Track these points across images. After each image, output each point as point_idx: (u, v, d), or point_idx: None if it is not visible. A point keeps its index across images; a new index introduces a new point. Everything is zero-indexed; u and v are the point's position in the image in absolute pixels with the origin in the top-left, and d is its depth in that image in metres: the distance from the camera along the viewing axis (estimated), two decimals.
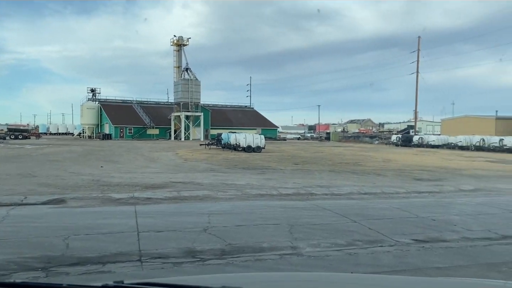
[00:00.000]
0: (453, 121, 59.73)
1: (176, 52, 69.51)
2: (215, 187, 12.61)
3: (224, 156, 28.21)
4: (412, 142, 52.78)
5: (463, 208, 9.81)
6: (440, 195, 12.31)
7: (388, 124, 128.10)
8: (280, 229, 7.31)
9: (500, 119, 52.84)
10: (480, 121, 54.29)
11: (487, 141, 43.13)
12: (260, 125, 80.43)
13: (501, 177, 17.59)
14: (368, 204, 10.16)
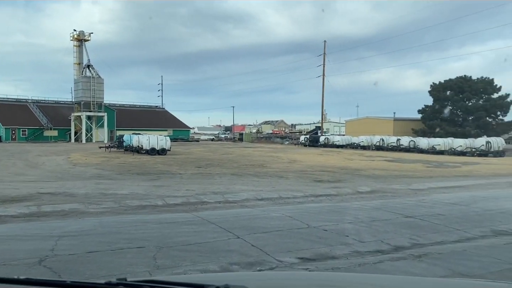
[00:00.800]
0: (356, 122, 62.79)
1: (76, 47, 64.13)
2: (89, 199, 10.79)
3: (122, 160, 25.90)
4: (319, 143, 54.29)
5: (358, 214, 9.25)
6: (337, 199, 11.82)
7: (300, 125, 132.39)
8: (143, 254, 5.93)
9: (397, 120, 56.56)
10: (380, 122, 57.60)
11: (386, 141, 45.65)
12: (171, 126, 77.64)
13: (397, 177, 17.94)
14: (260, 213, 9.17)
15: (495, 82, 48.01)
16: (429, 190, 14.09)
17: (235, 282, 1.62)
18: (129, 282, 1.50)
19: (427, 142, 40.71)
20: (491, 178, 17.87)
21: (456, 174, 19.66)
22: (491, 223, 8.60)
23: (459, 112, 48.36)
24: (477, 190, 14.22)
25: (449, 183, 16.09)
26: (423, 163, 27.15)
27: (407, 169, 22.06)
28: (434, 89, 49.18)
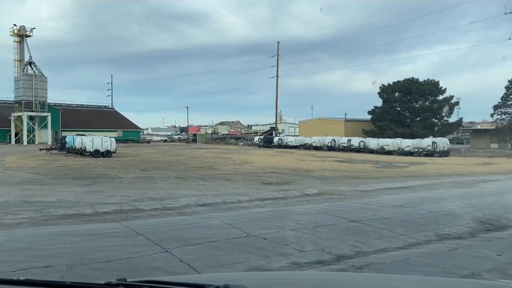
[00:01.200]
0: (309, 123, 63.35)
1: (17, 43, 60.29)
2: (7, 208, 9.63)
3: (62, 163, 24.23)
4: (273, 143, 54.18)
5: (301, 219, 8.76)
6: (283, 202, 11.32)
7: (256, 126, 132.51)
8: (48, 275, 5.07)
9: (348, 121, 57.55)
10: (332, 123, 58.37)
11: (337, 142, 46.19)
12: (121, 127, 74.93)
13: (346, 178, 17.79)
14: (197, 221, 8.46)
15: (440, 84, 49.94)
16: (376, 191, 13.94)
17: (235, 282, 1.64)
18: (128, 283, 1.52)
19: (377, 143, 41.53)
20: (436, 178, 18.12)
21: (404, 174, 19.85)
22: (436, 226, 8.38)
23: (407, 113, 49.87)
24: (423, 191, 14.23)
25: (396, 184, 16.09)
26: (372, 163, 27.44)
27: (356, 169, 22.09)
28: (383, 91, 50.44)
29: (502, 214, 9.84)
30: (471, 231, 8.16)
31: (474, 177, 18.73)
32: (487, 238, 7.49)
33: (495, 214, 9.76)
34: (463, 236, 7.71)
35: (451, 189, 14.51)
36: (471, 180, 17.48)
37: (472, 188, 14.96)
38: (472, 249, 6.68)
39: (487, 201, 11.78)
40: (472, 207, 10.69)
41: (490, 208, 10.57)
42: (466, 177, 18.68)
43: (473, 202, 11.54)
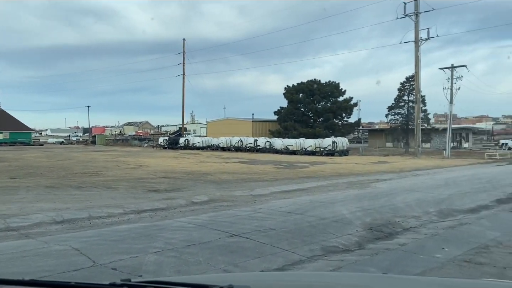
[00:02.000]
0: (217, 123, 62.30)
1: None
2: None
3: None
4: (178, 145, 52.11)
5: (174, 236, 7.38)
6: (162, 214, 9.82)
7: (167, 127, 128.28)
8: None
9: (255, 122, 57.59)
10: (240, 123, 57.95)
11: (244, 142, 45.66)
12: (8, 128, 67.06)
13: (244, 181, 16.79)
14: (36, 247, 6.64)
15: (340, 86, 51.98)
16: (270, 195, 13.06)
17: (239, 282, 1.65)
18: (133, 283, 1.54)
19: (282, 143, 41.72)
20: (333, 179, 17.92)
21: (302, 175, 19.45)
22: (323, 237, 7.54)
23: (310, 114, 51.07)
24: (318, 193, 13.69)
25: (293, 186, 15.45)
26: (275, 164, 27.02)
27: (257, 171, 21.31)
28: (288, 92, 51.14)
29: (392, 217, 9.42)
30: (360, 240, 7.45)
31: (369, 177, 18.91)
32: (375, 250, 6.78)
33: (384, 218, 9.29)
34: (350, 248, 6.93)
35: (345, 191, 14.18)
36: (366, 180, 17.54)
37: (365, 189, 14.81)
38: (357, 266, 5.85)
39: (378, 203, 11.45)
40: (363, 210, 10.20)
41: (380, 211, 10.15)
42: (361, 177, 18.79)
43: (365, 204, 11.12)
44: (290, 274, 3.55)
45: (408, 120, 41.50)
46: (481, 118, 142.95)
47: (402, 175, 20.31)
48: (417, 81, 32.80)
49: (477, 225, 8.67)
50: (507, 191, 13.96)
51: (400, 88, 42.13)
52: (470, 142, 55.26)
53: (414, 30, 31.42)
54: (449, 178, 18.27)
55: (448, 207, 10.91)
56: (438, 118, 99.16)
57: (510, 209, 10.55)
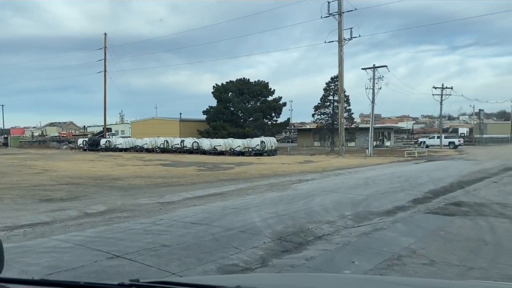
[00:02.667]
0: (142, 123, 59.41)
1: None
2: None
3: None
4: (99, 146, 48.90)
5: (35, 262, 5.96)
6: (40, 230, 8.22)
7: (94, 127, 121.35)
8: None
9: (183, 121, 55.70)
10: (167, 123, 55.73)
11: (170, 143, 43.77)
12: None
13: (156, 186, 15.39)
14: None
15: (270, 85, 51.78)
16: (181, 202, 11.85)
17: (247, 283, 1.67)
18: (141, 283, 1.54)
19: (209, 143, 40.48)
20: (255, 181, 17.09)
21: (224, 177, 18.41)
22: (224, 253, 6.50)
23: (240, 113, 50.31)
24: (234, 197, 12.72)
25: (210, 190, 14.35)
26: (199, 165, 25.76)
27: (176, 174, 19.93)
28: (216, 91, 49.94)
29: (305, 224, 8.65)
30: (265, 255, 6.50)
31: (291, 177, 18.34)
32: (278, 267, 5.86)
33: (297, 225, 8.49)
34: (251, 266, 5.94)
35: (264, 194, 13.34)
36: (288, 181, 16.91)
37: (285, 191, 14.09)
38: None
39: (295, 207, 10.70)
40: (277, 217, 9.34)
41: (295, 217, 9.36)
42: (284, 178, 18.16)
43: (280, 209, 10.29)
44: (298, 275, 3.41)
45: (334, 119, 42.17)
46: (402, 118, 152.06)
47: (325, 174, 20.03)
48: (341, 80, 33.26)
49: (392, 230, 8.13)
50: (424, 190, 13.94)
51: (326, 88, 42.76)
52: (392, 140, 57.83)
53: (338, 30, 31.79)
54: (369, 177, 18.21)
55: (365, 209, 10.42)
56: (364, 118, 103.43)
57: (426, 210, 10.27)
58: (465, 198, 12.05)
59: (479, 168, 22.42)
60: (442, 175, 18.69)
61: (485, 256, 6.36)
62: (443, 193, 13.19)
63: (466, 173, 19.52)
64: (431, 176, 18.56)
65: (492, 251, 6.65)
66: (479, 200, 11.51)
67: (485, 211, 9.87)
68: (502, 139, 71.39)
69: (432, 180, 16.87)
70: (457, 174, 19.31)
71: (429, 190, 13.92)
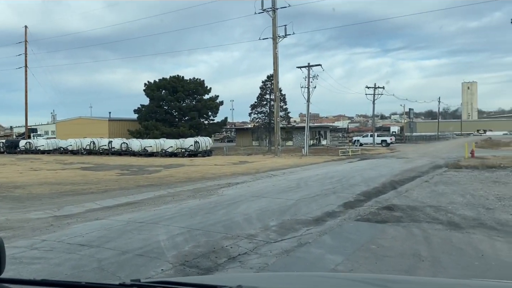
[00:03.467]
0: (69, 123, 55.17)
1: None
2: None
3: None
4: (18, 148, 44.55)
5: None
6: None
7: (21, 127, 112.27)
8: None
9: (113, 121, 52.44)
10: (95, 123, 52.21)
11: (97, 144, 40.71)
12: None
13: (61, 195, 13.35)
14: None
15: (206, 84, 50.04)
16: (82, 215, 10.06)
17: (248, 283, 1.65)
18: (142, 283, 1.53)
19: (140, 144, 38.06)
20: (179, 186, 15.54)
21: (145, 182, 16.65)
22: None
23: (174, 112, 48.12)
24: (148, 206, 11.13)
25: (124, 198, 12.61)
26: (122, 169, 23.64)
27: (92, 180, 17.82)
28: (148, 88, 47.29)
29: (221, 240, 7.32)
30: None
31: (220, 181, 16.98)
32: None
33: (210, 243, 7.13)
34: None
35: (184, 202, 11.85)
36: (216, 185, 15.53)
37: (209, 197, 12.70)
38: None
39: (214, 218, 9.34)
40: (189, 232, 7.92)
41: (210, 231, 7.99)
42: (212, 181, 16.76)
43: (196, 222, 8.89)
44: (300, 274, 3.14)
45: (270, 118, 41.46)
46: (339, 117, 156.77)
47: (257, 176, 18.90)
48: (276, 78, 32.46)
49: (318, 245, 7.03)
50: (356, 191, 13.19)
51: (262, 86, 41.88)
52: (328, 139, 58.48)
53: (272, 27, 30.95)
54: (302, 179, 17.31)
55: (292, 217, 9.31)
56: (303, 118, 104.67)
57: (357, 216, 9.35)
58: (397, 200, 11.37)
59: (410, 166, 22.45)
60: (374, 175, 18.26)
61: (422, 276, 5.38)
62: (375, 195, 12.49)
63: (398, 172, 19.29)
64: (363, 176, 18.05)
65: (429, 269, 5.72)
66: (412, 203, 10.85)
67: (418, 216, 9.12)
68: (430, 137, 75.11)
69: (365, 180, 16.29)
70: (389, 173, 19.02)
71: (361, 191, 13.19)
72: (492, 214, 9.20)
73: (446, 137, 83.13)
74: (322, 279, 2.29)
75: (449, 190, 12.92)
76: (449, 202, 10.81)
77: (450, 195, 11.89)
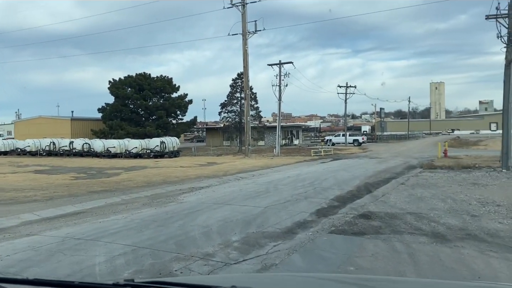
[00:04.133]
0: (27, 123, 52.20)
1: None
2: None
3: None
4: None
5: None
6: None
7: None
8: None
9: (76, 120, 49.90)
10: (57, 122, 49.61)
11: (58, 145, 38.47)
12: None
13: (3, 205, 11.70)
14: None
15: (174, 82, 48.28)
16: (13, 229, 8.60)
17: (242, 283, 1.65)
18: (136, 283, 1.55)
19: (103, 145, 36.13)
20: (135, 191, 14.13)
21: (99, 188, 15.10)
22: None
23: (140, 111, 46.15)
24: (92, 218, 9.73)
25: (70, 207, 11.15)
26: (80, 171, 21.90)
27: (41, 185, 16.12)
28: (113, 86, 45.10)
29: (169, 262, 6.07)
30: None
31: (183, 185, 15.65)
32: None
33: (157, 266, 5.86)
34: None
35: (136, 211, 10.49)
36: (177, 191, 14.20)
37: (167, 205, 11.37)
38: None
39: (166, 232, 8.04)
40: (133, 252, 6.62)
41: (160, 250, 6.70)
42: (174, 186, 15.41)
43: (144, 238, 7.57)
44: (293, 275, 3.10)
45: (241, 117, 40.23)
46: (311, 117, 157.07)
47: (224, 179, 17.65)
48: (246, 76, 31.23)
49: (286, 267, 5.87)
50: (329, 196, 12.15)
51: (232, 84, 40.53)
52: (300, 139, 57.74)
53: (242, 22, 29.74)
54: (271, 182, 16.19)
55: (258, 229, 8.13)
56: (276, 117, 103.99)
57: (331, 227, 8.25)
58: (374, 207, 10.38)
59: (384, 167, 21.73)
60: (348, 177, 17.34)
61: None
62: (350, 200, 11.48)
63: (372, 173, 18.46)
64: (336, 177, 17.10)
65: None
66: (390, 210, 9.87)
67: (399, 226, 8.12)
68: (400, 136, 75.72)
69: (338, 183, 15.32)
70: (363, 174, 18.16)
71: (335, 196, 12.17)
72: (479, 223, 8.30)
73: (416, 136, 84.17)
74: (315, 280, 2.24)
75: (428, 193, 12.06)
76: (430, 208, 9.89)
77: (430, 200, 11.01)
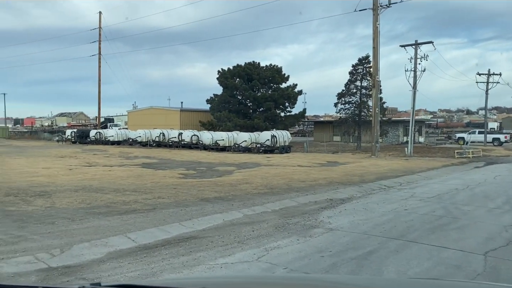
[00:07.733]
0: (139, 113, 53.14)
1: None
2: None
3: None
4: (89, 138, 43.01)
5: None
6: None
7: (106, 117, 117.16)
8: None
9: (184, 111, 49.40)
10: (166, 113, 49.57)
11: (167, 136, 37.50)
12: None
13: (90, 214, 9.04)
14: None
15: (283, 71, 44.93)
16: (91, 268, 5.50)
17: (213, 285, 1.67)
18: (102, 287, 1.49)
19: (211, 137, 34.09)
20: (257, 201, 10.66)
21: (212, 192, 11.97)
22: None
23: (248, 102, 43.71)
24: (205, 257, 6.33)
25: (175, 226, 8.00)
26: (188, 167, 19.42)
27: (146, 184, 13.58)
28: (222, 76, 43.22)
29: None
30: None
31: (316, 194, 11.83)
32: None
33: None
34: None
35: (272, 241, 6.87)
36: (312, 203, 10.42)
37: (311, 232, 7.59)
38: None
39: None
40: None
41: None
42: (304, 196, 11.65)
43: None
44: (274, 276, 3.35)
45: (361, 109, 35.26)
46: (419, 111, 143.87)
47: (366, 188, 13.44)
48: (376, 59, 26.33)
49: None
50: None
51: (352, 71, 35.55)
52: (423, 136, 50.69)
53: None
54: (440, 197, 11.54)
55: None
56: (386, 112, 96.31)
57: None
58: None
59: None
60: None
61: None
62: None
63: None
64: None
65: None
66: None
67: None
68: None
69: None
70: None
71: None
72: None
73: None
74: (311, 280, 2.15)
75: None
76: None
77: None
